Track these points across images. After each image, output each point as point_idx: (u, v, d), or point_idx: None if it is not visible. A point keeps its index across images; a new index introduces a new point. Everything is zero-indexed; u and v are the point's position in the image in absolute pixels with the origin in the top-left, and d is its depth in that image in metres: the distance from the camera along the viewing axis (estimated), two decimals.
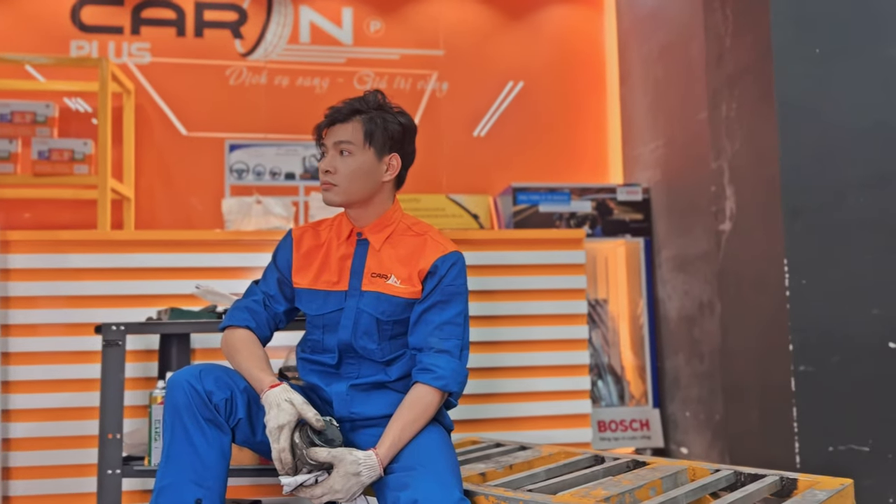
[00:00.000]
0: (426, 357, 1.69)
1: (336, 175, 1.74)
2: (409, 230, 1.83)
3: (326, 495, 1.49)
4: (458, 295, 1.77)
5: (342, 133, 1.75)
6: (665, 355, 4.40)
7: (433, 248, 1.78)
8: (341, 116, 1.76)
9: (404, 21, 5.06)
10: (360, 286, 1.77)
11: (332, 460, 1.49)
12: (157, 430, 2.23)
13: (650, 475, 1.66)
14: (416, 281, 1.76)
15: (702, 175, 3.89)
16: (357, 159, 1.74)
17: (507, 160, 5.03)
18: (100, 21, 4.74)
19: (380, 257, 1.79)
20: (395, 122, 1.77)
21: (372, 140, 1.74)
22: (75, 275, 2.76)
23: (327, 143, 1.78)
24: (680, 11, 4.18)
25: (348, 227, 1.83)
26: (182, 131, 4.72)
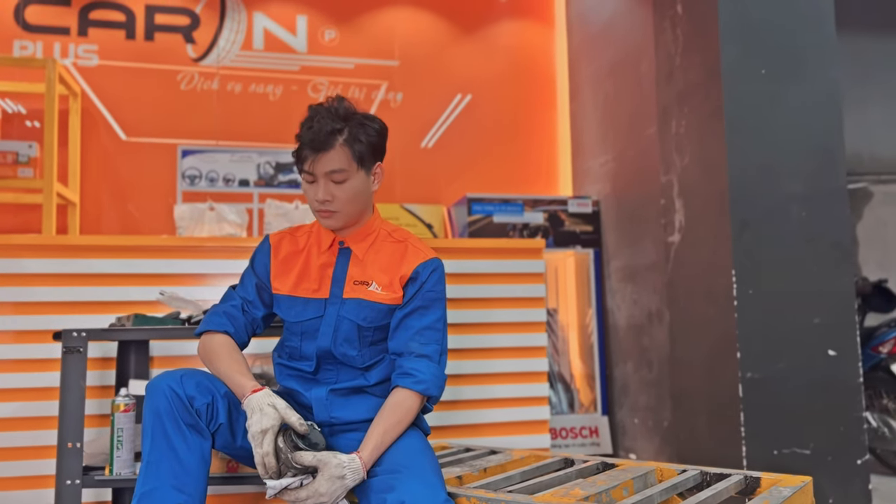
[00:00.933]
0: (407, 362, 1.71)
1: (335, 202, 1.73)
2: (389, 237, 1.85)
3: (311, 499, 1.49)
4: (437, 301, 1.79)
5: (333, 162, 1.70)
6: (614, 363, 4.51)
7: (414, 255, 1.80)
8: (325, 144, 1.69)
9: (359, 31, 5.07)
10: (341, 294, 1.78)
11: (318, 464, 1.50)
12: (119, 439, 2.18)
13: (622, 476, 1.72)
14: (398, 287, 1.78)
15: (651, 188, 4.02)
16: (353, 183, 1.73)
17: (458, 171, 5.09)
18: (45, 21, 4.61)
19: (362, 265, 1.80)
20: (374, 131, 1.76)
21: (362, 161, 1.73)
22: (27, 280, 2.67)
23: (316, 173, 1.72)
24: (631, 30, 4.32)
25: (329, 236, 1.83)
26: (128, 136, 4.62)
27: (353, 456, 1.55)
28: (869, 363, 4.05)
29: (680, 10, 3.66)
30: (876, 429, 4.03)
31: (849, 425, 3.23)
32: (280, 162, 4.51)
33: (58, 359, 2.60)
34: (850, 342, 3.28)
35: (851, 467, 3.21)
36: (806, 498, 1.62)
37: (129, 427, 2.18)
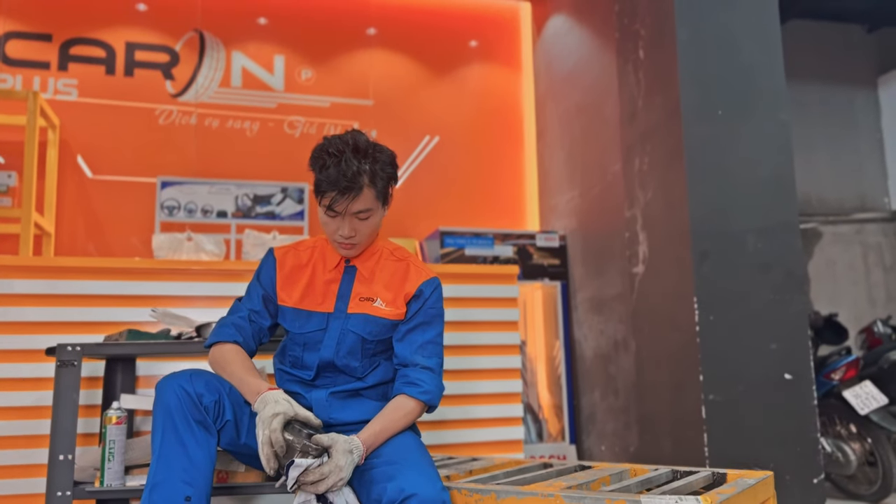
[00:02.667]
0: (412, 372, 1.83)
1: (357, 236, 1.84)
2: (391, 255, 1.98)
3: (332, 474, 1.58)
4: (437, 317, 1.93)
5: (360, 204, 1.78)
6: (581, 393, 4.64)
7: (416, 274, 1.93)
8: (352, 187, 1.75)
9: (335, 71, 5.25)
10: (346, 309, 1.89)
11: (331, 442, 1.61)
12: (111, 451, 2.22)
13: (599, 474, 1.84)
14: (401, 303, 1.90)
15: (616, 222, 4.22)
16: (375, 219, 1.85)
17: (429, 207, 5.25)
18: (26, 55, 4.69)
19: (366, 282, 1.92)
20: (389, 166, 1.86)
21: (383, 196, 1.85)
22: (13, 300, 2.72)
23: (340, 212, 1.79)
24: (595, 74, 4.57)
25: (336, 256, 1.94)
26: (102, 171, 4.69)
27: (352, 437, 1.67)
28: (822, 390, 4.25)
29: (642, 56, 3.92)
30: (830, 454, 4.21)
31: (805, 446, 3.40)
32: (258, 194, 4.61)
33: (43, 377, 2.67)
34: (804, 366, 3.47)
35: (808, 486, 3.37)
36: (768, 489, 1.76)
37: (120, 439, 2.23)
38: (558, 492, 1.58)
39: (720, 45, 3.62)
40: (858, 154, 6.47)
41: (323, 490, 1.60)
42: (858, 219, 6.36)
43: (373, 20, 5.36)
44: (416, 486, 1.53)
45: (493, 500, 1.65)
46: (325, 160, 1.77)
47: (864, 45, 6.64)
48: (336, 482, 1.60)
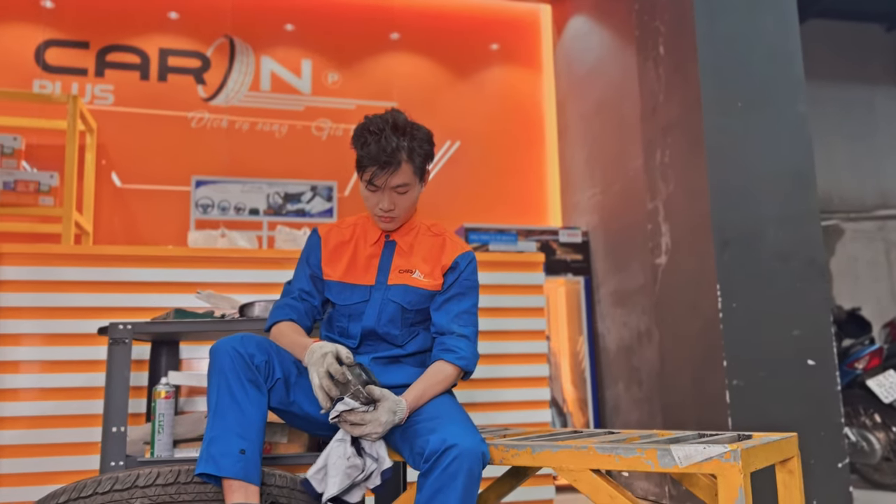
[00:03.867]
0: (449, 339, 1.94)
1: (396, 210, 1.96)
2: (428, 231, 2.10)
3: (371, 424, 1.69)
4: (472, 289, 2.04)
5: (398, 178, 1.90)
6: (605, 385, 4.71)
7: (452, 247, 2.05)
8: (391, 162, 1.86)
9: (361, 74, 5.39)
10: (386, 281, 2.01)
11: (380, 397, 1.72)
12: (160, 424, 2.34)
13: (628, 435, 1.92)
14: (438, 275, 2.01)
15: (638, 215, 4.30)
16: (412, 193, 1.98)
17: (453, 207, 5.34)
18: (64, 62, 4.88)
19: (405, 255, 2.04)
20: (427, 144, 1.98)
21: (420, 172, 1.98)
22: (64, 287, 2.85)
23: (380, 186, 1.91)
24: (616, 72, 4.67)
25: (377, 231, 2.07)
26: (142, 168, 4.85)
27: (400, 398, 1.77)
28: (846, 379, 4.29)
29: (662, 52, 4.01)
30: (855, 443, 4.24)
31: (829, 430, 3.45)
32: (288, 192, 4.75)
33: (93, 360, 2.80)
34: (827, 352, 3.53)
35: (833, 470, 3.42)
36: (792, 447, 1.84)
37: (169, 413, 2.35)
38: (592, 444, 1.67)
39: (739, 38, 3.71)
40: (878, 152, 6.50)
41: (357, 434, 1.71)
42: (880, 216, 6.39)
43: (396, 25, 5.50)
44: (457, 438, 1.63)
45: (528, 454, 1.74)
46: (366, 138, 1.89)
47: (882, 45, 6.69)
48: (371, 433, 1.70)
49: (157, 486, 1.68)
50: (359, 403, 1.69)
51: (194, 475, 1.69)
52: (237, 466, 1.67)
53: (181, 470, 1.72)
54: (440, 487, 1.60)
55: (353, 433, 1.72)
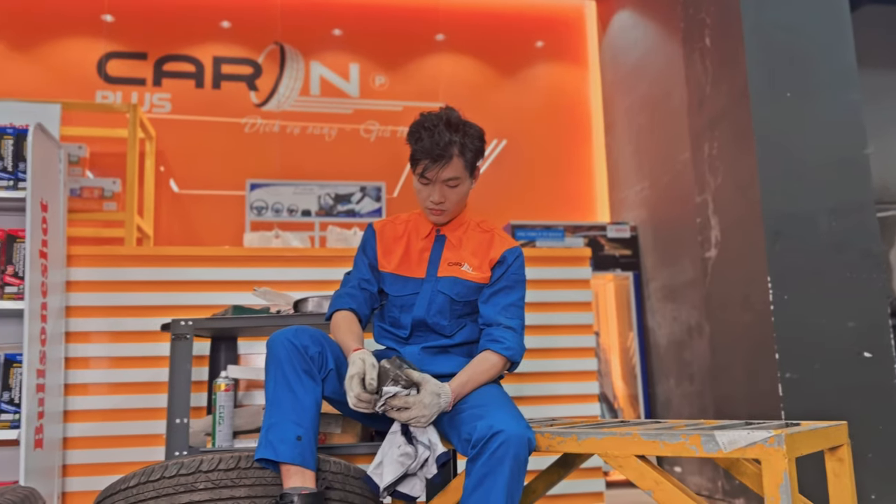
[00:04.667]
0: (496, 331, 1.99)
1: (446, 203, 2.04)
2: (478, 227, 2.17)
3: (414, 408, 1.74)
4: (519, 283, 2.09)
5: (449, 171, 1.98)
6: (656, 381, 4.69)
7: (500, 242, 2.12)
8: (443, 156, 1.95)
9: (407, 76, 5.48)
10: (436, 273, 2.08)
11: (421, 380, 1.78)
12: (220, 415, 2.45)
13: (674, 423, 1.94)
14: (486, 268, 2.08)
15: (687, 209, 4.27)
16: (462, 188, 2.06)
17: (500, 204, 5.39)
18: (124, 73, 5.08)
19: (455, 249, 2.11)
20: (478, 140, 2.06)
21: (471, 167, 2.06)
22: (128, 286, 2.99)
23: (432, 179, 2.00)
24: (661, 65, 4.65)
25: (428, 225, 2.15)
26: (198, 173, 5.02)
27: (444, 384, 1.83)
28: None
29: (708, 43, 3.99)
30: None
31: (886, 424, 3.38)
32: (339, 193, 4.87)
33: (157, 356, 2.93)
34: (884, 344, 3.46)
35: (891, 464, 3.35)
36: (841, 435, 1.83)
37: (228, 405, 2.46)
38: (636, 430, 1.70)
39: (787, 27, 3.66)
40: None
41: (405, 419, 1.75)
42: None
43: (441, 26, 5.57)
44: (503, 424, 1.67)
45: (574, 441, 1.78)
46: (420, 133, 1.98)
47: None
48: (417, 416, 1.74)
49: (219, 470, 1.77)
50: (400, 387, 1.75)
51: (254, 460, 1.78)
52: (294, 452, 1.74)
53: (242, 456, 1.81)
54: (487, 472, 1.65)
55: (400, 419, 1.77)
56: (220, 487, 1.75)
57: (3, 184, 2.60)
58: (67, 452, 2.82)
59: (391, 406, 1.76)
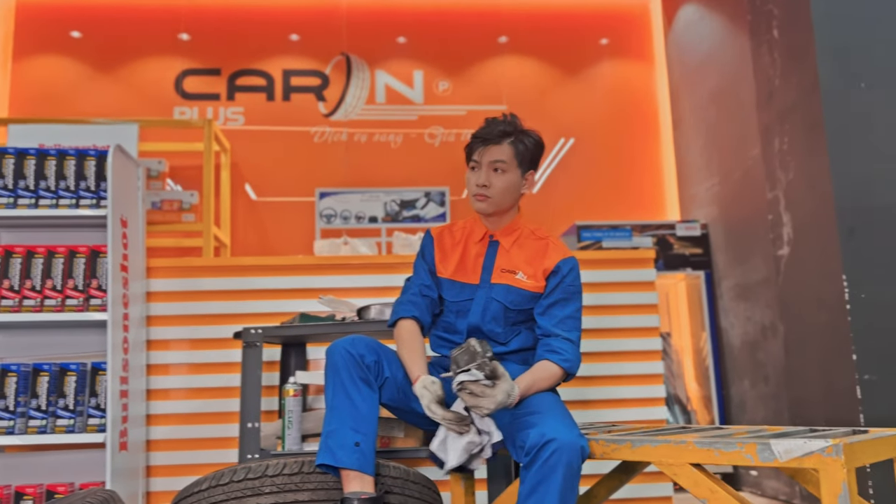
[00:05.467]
0: (555, 342, 2.01)
1: (490, 189, 2.08)
2: (532, 234, 2.18)
3: (486, 398, 1.76)
4: (576, 294, 2.10)
5: (497, 153, 2.06)
6: (730, 382, 4.58)
7: (555, 251, 2.12)
8: (494, 138, 2.05)
9: (470, 80, 5.52)
10: (489, 279, 2.11)
11: (502, 375, 1.80)
12: (289, 420, 2.54)
13: (735, 430, 1.92)
14: (541, 277, 2.09)
15: (758, 206, 4.16)
16: (508, 176, 2.09)
17: (566, 205, 5.37)
18: (200, 89, 5.31)
19: (508, 256, 2.14)
20: (534, 143, 2.12)
21: (521, 160, 2.10)
22: (202, 296, 3.14)
23: (481, 161, 2.08)
24: (729, 59, 4.53)
25: (482, 230, 2.19)
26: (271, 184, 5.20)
27: (514, 383, 1.85)
28: None
29: (776, 35, 3.87)
30: None
31: None
32: (404, 199, 4.96)
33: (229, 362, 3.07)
34: None
35: None
36: None
37: (297, 409, 2.55)
38: (690, 439, 1.69)
39: (858, 16, 3.52)
40: None
41: (472, 405, 1.77)
42: None
43: (504, 29, 5.59)
44: (556, 432, 1.69)
45: (628, 448, 1.78)
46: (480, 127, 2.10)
47: None
48: (484, 407, 1.76)
49: (283, 475, 1.85)
50: (483, 375, 1.77)
51: (315, 465, 1.85)
52: (353, 458, 1.81)
53: (305, 461, 1.88)
54: (540, 480, 1.67)
55: (468, 402, 1.79)
56: (284, 491, 1.84)
57: (87, 202, 2.78)
58: (151, 454, 2.98)
59: (466, 388, 1.78)
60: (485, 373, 1.78)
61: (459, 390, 1.80)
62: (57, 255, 2.71)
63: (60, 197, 2.76)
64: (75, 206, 2.77)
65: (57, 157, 2.78)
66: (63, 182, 2.77)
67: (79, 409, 2.64)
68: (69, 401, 2.63)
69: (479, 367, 1.78)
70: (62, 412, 2.62)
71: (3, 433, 2.57)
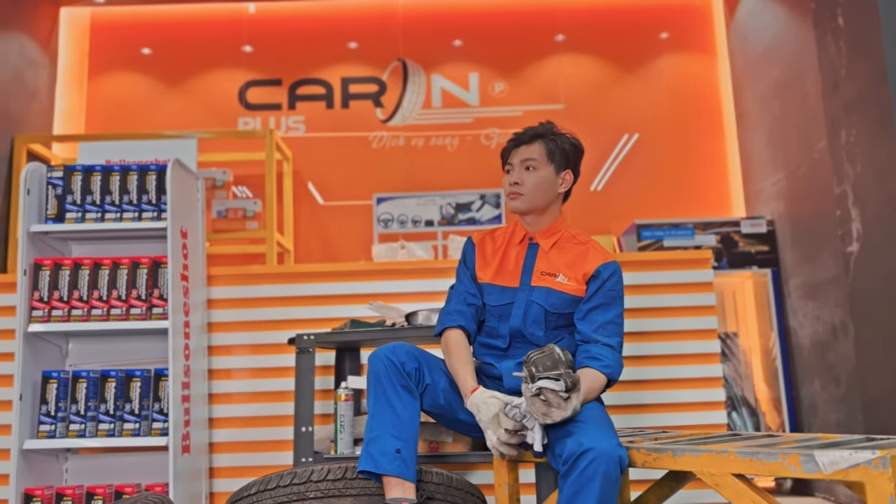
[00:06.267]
0: (595, 348, 1.99)
1: (522, 186, 2.12)
2: (573, 238, 2.18)
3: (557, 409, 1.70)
4: (617, 299, 2.07)
5: (528, 152, 2.12)
6: (800, 383, 4.42)
7: (595, 256, 2.11)
8: (526, 139, 2.13)
9: (526, 80, 5.50)
10: (529, 282, 2.11)
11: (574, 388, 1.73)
12: (342, 424, 2.60)
13: (784, 439, 1.86)
14: (581, 281, 2.08)
15: (826, 201, 4.00)
16: (540, 173, 2.11)
17: (628, 204, 5.28)
18: (262, 100, 5.46)
19: (548, 259, 2.13)
20: (569, 143, 2.15)
21: (552, 157, 2.12)
22: (259, 303, 3.24)
23: (514, 162, 2.15)
24: (792, 49, 4.37)
25: (522, 232, 2.20)
26: (330, 191, 5.31)
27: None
28: None
29: (841, 23, 3.72)
30: None
31: None
32: (459, 202, 4.98)
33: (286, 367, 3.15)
34: None
35: None
36: None
37: (348, 414, 2.61)
38: (732, 448, 1.65)
39: None
40: None
41: (540, 412, 1.72)
42: None
43: (560, 27, 5.54)
44: (593, 441, 1.68)
45: (669, 458, 1.75)
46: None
47: None
48: (550, 416, 1.71)
49: (327, 481, 1.90)
50: (563, 388, 1.72)
51: (357, 472, 1.89)
52: (394, 464, 1.84)
53: (348, 467, 1.93)
54: (578, 490, 1.66)
55: (538, 409, 1.72)
56: (328, 497, 1.88)
57: (149, 215, 2.90)
58: (214, 456, 3.09)
59: (544, 395, 1.72)
60: (566, 384, 1.72)
61: (535, 395, 1.73)
62: (121, 266, 2.84)
63: (124, 210, 2.90)
64: (138, 218, 2.89)
65: (120, 173, 2.92)
66: (126, 196, 2.91)
67: (143, 414, 2.77)
68: (134, 405, 2.76)
69: (560, 377, 1.72)
70: (128, 416, 2.75)
71: (74, 436, 2.72)
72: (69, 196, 2.90)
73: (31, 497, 2.67)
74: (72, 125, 5.34)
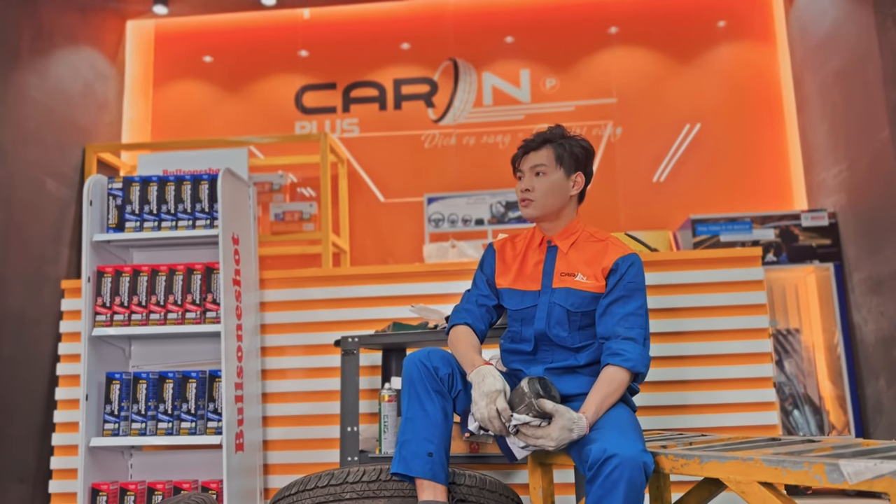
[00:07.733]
0: (615, 343, 1.99)
1: (533, 192, 2.14)
2: (591, 237, 2.18)
3: (542, 440, 1.79)
4: (637, 290, 2.06)
5: (536, 158, 2.15)
6: (865, 381, 4.27)
7: (614, 250, 2.11)
8: (534, 146, 2.16)
9: (577, 75, 5.45)
10: (551, 284, 2.13)
11: (554, 412, 1.80)
12: (385, 424, 2.68)
13: (822, 445, 1.82)
14: (601, 277, 2.08)
15: (889, 192, 3.85)
16: (550, 178, 2.13)
17: (686, 196, 5.19)
18: (318, 104, 5.59)
19: (567, 259, 2.14)
20: (578, 146, 2.17)
21: (561, 161, 2.13)
22: (309, 305, 3.34)
23: (524, 169, 2.18)
24: (853, 35, 4.21)
25: (540, 236, 2.22)
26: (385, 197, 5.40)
27: (580, 415, 1.84)
28: None
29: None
30: None
31: None
32: (509, 201, 4.99)
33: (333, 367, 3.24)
34: None
35: None
36: None
37: (392, 414, 2.68)
38: (758, 456, 1.63)
39: None
40: None
41: (532, 444, 1.81)
42: None
43: (613, 19, 5.47)
44: (617, 447, 1.69)
45: (696, 464, 1.74)
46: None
47: None
48: (544, 445, 1.78)
49: (363, 482, 1.97)
50: (530, 417, 1.78)
51: (390, 474, 1.95)
52: (426, 467, 1.89)
53: (382, 469, 1.99)
54: (602, 496, 1.68)
55: (528, 443, 1.84)
56: (363, 497, 1.95)
57: (202, 222, 3.03)
58: (268, 454, 3.21)
59: (522, 432, 1.83)
60: (532, 413, 1.78)
61: (516, 433, 1.84)
62: (177, 272, 2.98)
63: (179, 219, 3.03)
64: (192, 226, 3.03)
65: (175, 183, 3.06)
66: (181, 205, 3.04)
67: (199, 413, 2.90)
68: (191, 405, 2.90)
69: (526, 409, 1.79)
70: (185, 416, 2.89)
71: (136, 434, 2.88)
72: (128, 206, 3.05)
73: (98, 491, 2.84)
74: (139, 134, 5.58)
